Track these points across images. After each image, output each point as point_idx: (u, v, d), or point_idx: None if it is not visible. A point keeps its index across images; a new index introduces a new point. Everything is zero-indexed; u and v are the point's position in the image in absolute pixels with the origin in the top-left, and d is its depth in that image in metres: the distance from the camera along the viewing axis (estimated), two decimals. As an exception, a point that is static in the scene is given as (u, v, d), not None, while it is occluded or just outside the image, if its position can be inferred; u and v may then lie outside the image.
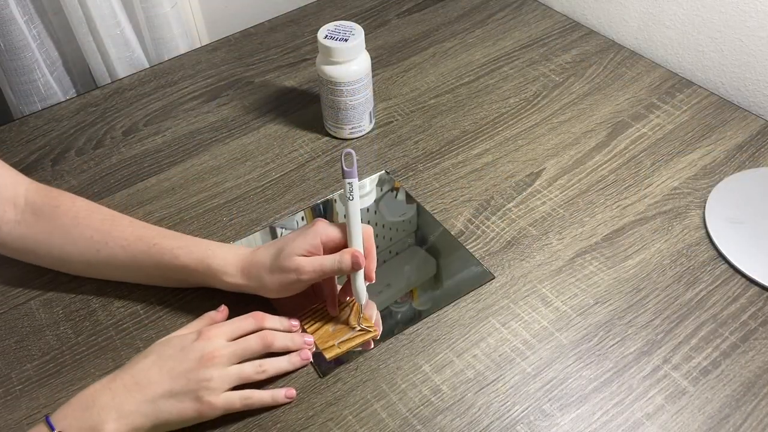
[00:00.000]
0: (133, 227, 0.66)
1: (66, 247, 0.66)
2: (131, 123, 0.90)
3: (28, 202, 0.67)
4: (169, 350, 0.57)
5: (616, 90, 0.89)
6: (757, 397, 0.58)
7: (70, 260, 0.67)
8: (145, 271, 0.66)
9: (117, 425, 0.52)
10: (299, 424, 0.58)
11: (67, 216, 0.66)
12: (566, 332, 0.63)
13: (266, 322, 0.61)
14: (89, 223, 0.66)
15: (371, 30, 1.03)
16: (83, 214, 0.67)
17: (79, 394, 0.54)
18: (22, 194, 0.67)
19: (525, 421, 0.57)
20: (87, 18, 0.94)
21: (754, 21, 0.83)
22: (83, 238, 0.66)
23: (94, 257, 0.66)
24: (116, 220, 0.67)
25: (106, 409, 0.53)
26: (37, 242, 0.67)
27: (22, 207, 0.67)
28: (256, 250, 0.64)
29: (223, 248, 0.65)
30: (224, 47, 1.03)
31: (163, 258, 0.64)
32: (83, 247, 0.66)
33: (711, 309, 0.64)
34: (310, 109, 0.90)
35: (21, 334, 0.66)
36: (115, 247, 0.65)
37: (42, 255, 0.68)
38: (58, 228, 0.66)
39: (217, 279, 0.63)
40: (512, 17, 1.04)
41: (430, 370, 0.61)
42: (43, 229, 0.66)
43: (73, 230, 0.66)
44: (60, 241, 0.66)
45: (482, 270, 0.69)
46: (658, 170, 0.78)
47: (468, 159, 0.81)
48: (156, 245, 0.64)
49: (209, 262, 0.63)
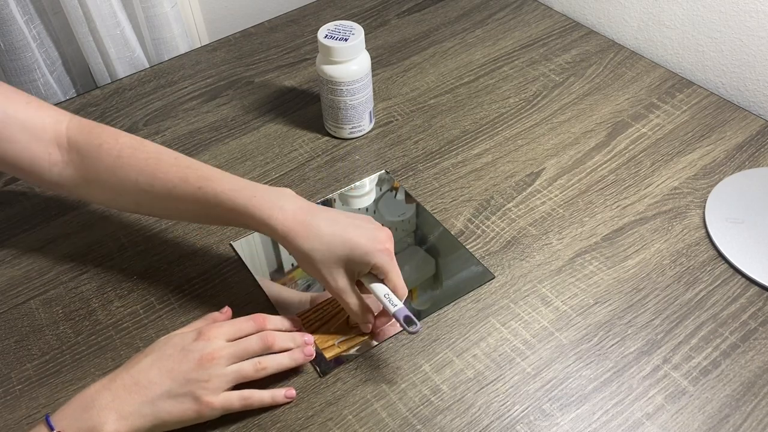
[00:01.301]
0: (178, 167, 0.63)
1: (115, 187, 0.65)
2: (131, 123, 0.90)
3: (71, 142, 0.66)
4: (168, 350, 0.56)
5: (616, 90, 0.89)
6: (757, 397, 0.58)
7: (120, 199, 0.66)
8: (194, 213, 0.64)
9: (117, 426, 0.52)
10: (299, 423, 0.58)
11: (111, 156, 0.65)
12: (566, 332, 0.63)
13: (267, 324, 0.61)
14: (133, 163, 0.64)
15: (371, 30, 1.04)
16: (127, 152, 0.65)
17: (78, 394, 0.54)
18: (63, 133, 0.66)
19: (525, 421, 0.57)
20: (87, 18, 0.94)
21: (754, 21, 0.83)
22: (129, 180, 0.64)
23: (142, 198, 0.65)
24: (161, 158, 0.64)
25: (106, 410, 0.53)
26: (87, 182, 0.66)
27: (66, 146, 0.66)
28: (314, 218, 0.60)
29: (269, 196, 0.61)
30: (224, 47, 1.03)
31: (209, 202, 0.62)
32: (130, 189, 0.65)
33: (711, 309, 0.64)
34: (310, 109, 0.90)
35: (21, 333, 0.66)
36: (162, 190, 0.63)
37: (96, 194, 0.67)
38: (104, 169, 0.65)
39: (260, 230, 0.61)
40: (512, 17, 1.04)
41: (430, 369, 0.61)
42: (89, 170, 0.65)
43: (119, 171, 0.64)
44: (107, 181, 0.65)
45: (482, 270, 0.69)
46: (658, 170, 0.78)
47: (468, 159, 0.81)
48: (201, 188, 0.62)
49: (254, 212, 0.60)
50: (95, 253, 0.73)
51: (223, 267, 0.71)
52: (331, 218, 0.60)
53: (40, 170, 0.65)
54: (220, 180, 0.62)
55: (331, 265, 0.59)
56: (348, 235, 0.59)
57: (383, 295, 0.59)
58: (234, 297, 0.67)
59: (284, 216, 0.59)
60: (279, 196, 0.61)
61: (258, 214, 0.60)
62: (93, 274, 0.71)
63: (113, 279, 0.71)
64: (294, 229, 0.59)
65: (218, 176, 0.63)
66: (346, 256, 0.59)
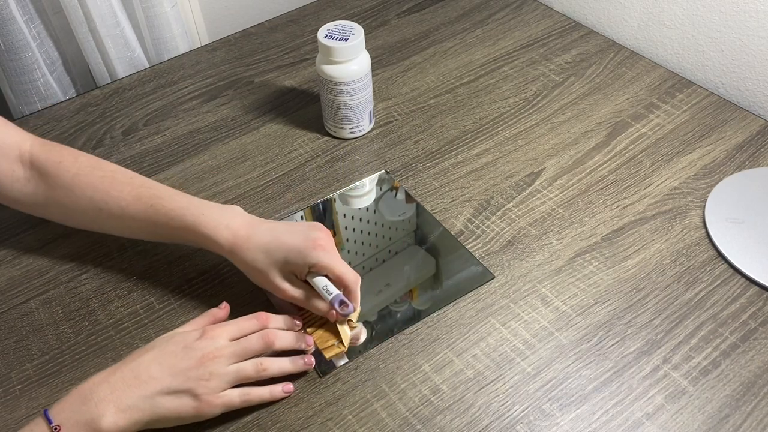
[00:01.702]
0: (131, 186, 0.67)
1: (69, 204, 0.68)
2: (131, 123, 0.90)
3: (33, 159, 0.68)
4: (171, 347, 0.57)
5: (616, 90, 0.89)
6: (757, 397, 0.58)
7: (74, 217, 0.69)
8: (146, 230, 0.67)
9: (115, 419, 0.52)
10: (299, 423, 0.58)
11: (69, 173, 0.67)
12: (566, 332, 0.63)
13: (270, 323, 0.61)
14: (89, 181, 0.67)
15: (371, 30, 1.03)
16: (84, 171, 0.68)
17: (77, 387, 0.54)
18: (27, 151, 0.68)
19: (525, 421, 0.57)
20: (87, 18, 0.94)
21: (754, 21, 0.83)
22: (84, 198, 0.67)
23: (96, 215, 0.67)
24: (116, 177, 0.67)
25: (104, 403, 0.53)
26: (45, 198, 0.68)
27: (28, 164, 0.68)
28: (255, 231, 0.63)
29: (215, 214, 0.64)
30: (224, 47, 1.03)
31: (159, 220, 0.65)
32: (85, 206, 0.67)
33: (711, 309, 0.64)
34: (310, 109, 0.90)
35: (21, 333, 0.66)
36: (115, 208, 0.66)
37: (52, 211, 0.70)
38: (61, 187, 0.68)
39: (208, 247, 0.65)
40: (512, 17, 1.04)
41: (429, 369, 0.61)
42: (48, 187, 0.68)
43: (76, 189, 0.67)
44: (64, 199, 0.68)
45: (482, 270, 0.69)
46: (658, 170, 0.78)
47: (468, 159, 0.81)
48: (152, 206, 0.65)
49: (201, 230, 0.64)
50: (95, 253, 0.73)
51: (223, 267, 0.71)
52: (270, 229, 0.64)
53: (2, 185, 0.68)
54: (170, 198, 0.65)
55: (272, 270, 0.62)
56: (283, 239, 0.62)
57: (322, 287, 0.61)
58: (234, 297, 0.67)
59: (229, 233, 0.63)
60: (225, 213, 0.64)
61: (204, 231, 0.63)
62: (93, 274, 0.71)
63: (113, 279, 0.71)
64: (237, 244, 0.63)
65: (169, 195, 0.66)
66: (284, 259, 0.62)
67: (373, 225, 0.75)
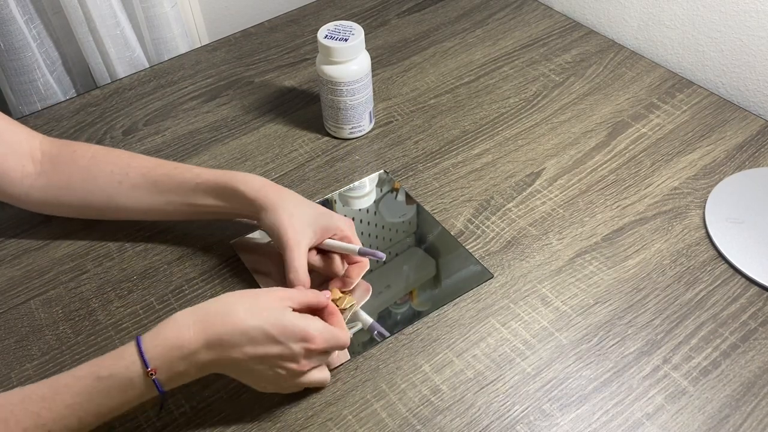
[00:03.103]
0: (151, 158, 0.69)
1: (87, 185, 0.68)
2: (131, 123, 0.90)
3: (45, 153, 0.69)
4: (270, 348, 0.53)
5: (616, 90, 0.89)
6: (757, 397, 0.58)
7: (92, 199, 0.69)
8: (167, 197, 0.67)
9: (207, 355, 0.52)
10: (299, 423, 0.58)
11: (85, 158, 0.69)
12: (566, 332, 0.63)
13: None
14: (108, 159, 0.69)
15: (371, 30, 1.03)
16: (101, 153, 0.70)
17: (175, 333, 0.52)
18: (38, 147, 0.69)
19: (525, 421, 0.57)
20: (87, 18, 0.94)
21: (754, 21, 0.83)
22: (104, 174, 0.68)
23: (115, 190, 0.68)
24: (134, 154, 0.70)
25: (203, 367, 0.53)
26: (59, 188, 0.69)
27: (39, 159, 0.69)
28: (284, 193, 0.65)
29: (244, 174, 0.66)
30: (224, 47, 1.03)
31: (185, 177, 0.66)
32: (104, 183, 0.68)
33: (711, 309, 0.64)
34: (310, 109, 0.90)
35: (20, 334, 0.66)
36: (136, 176, 0.67)
37: (65, 201, 0.70)
38: (78, 170, 0.68)
39: (238, 192, 0.65)
40: (512, 17, 1.04)
41: (429, 370, 0.61)
42: (63, 174, 0.69)
43: (93, 168, 0.68)
44: (81, 181, 0.68)
45: (482, 270, 0.69)
46: (658, 170, 0.78)
47: (468, 159, 0.81)
48: (177, 168, 0.67)
49: (231, 175, 0.65)
50: (95, 253, 0.73)
51: (223, 267, 0.71)
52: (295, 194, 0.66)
53: (10, 182, 0.68)
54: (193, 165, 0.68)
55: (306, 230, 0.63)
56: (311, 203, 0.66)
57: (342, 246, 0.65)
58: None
59: (261, 187, 0.65)
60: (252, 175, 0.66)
61: (236, 185, 0.64)
62: (93, 274, 0.71)
63: (113, 279, 0.71)
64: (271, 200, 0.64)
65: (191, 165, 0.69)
66: (314, 218, 0.64)
67: (373, 226, 0.75)
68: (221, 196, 0.66)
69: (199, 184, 0.66)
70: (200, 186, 0.66)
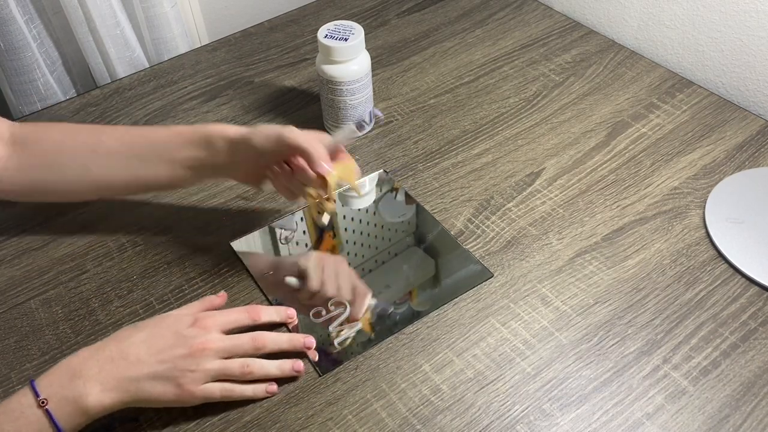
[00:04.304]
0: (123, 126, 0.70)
1: (61, 158, 0.67)
2: (131, 123, 0.90)
3: (16, 136, 0.68)
4: (162, 330, 0.57)
5: (616, 90, 0.89)
6: (757, 397, 0.58)
7: (65, 174, 0.68)
8: (145, 159, 0.67)
9: (100, 397, 0.53)
10: (299, 423, 0.58)
11: (57, 130, 0.69)
12: (566, 332, 0.63)
13: (262, 316, 0.62)
14: (81, 130, 0.69)
15: (371, 30, 1.03)
16: (74, 127, 0.70)
17: (65, 361, 0.54)
18: (6, 130, 0.68)
19: (525, 421, 0.57)
20: (87, 18, 0.94)
21: (754, 21, 0.83)
22: (77, 143, 0.68)
23: (90, 159, 0.67)
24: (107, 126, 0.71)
25: (92, 382, 0.53)
26: (31, 167, 0.68)
27: (10, 142, 0.68)
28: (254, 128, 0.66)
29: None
30: (224, 47, 1.03)
31: (160, 134, 0.66)
32: (79, 153, 0.67)
33: (711, 309, 0.64)
34: (310, 109, 0.90)
35: (20, 333, 0.66)
36: (111, 141, 0.67)
37: (38, 181, 0.69)
38: (50, 144, 0.68)
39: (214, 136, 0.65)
40: (512, 17, 1.04)
41: (429, 369, 0.61)
42: (35, 152, 0.68)
43: (66, 139, 0.68)
44: (53, 154, 0.67)
45: (482, 270, 0.69)
46: (658, 170, 0.78)
47: (468, 159, 0.81)
48: (151, 128, 0.68)
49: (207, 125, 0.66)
50: (95, 253, 0.73)
51: (223, 267, 0.71)
52: None
53: None
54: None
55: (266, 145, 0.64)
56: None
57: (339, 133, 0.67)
58: (234, 297, 0.67)
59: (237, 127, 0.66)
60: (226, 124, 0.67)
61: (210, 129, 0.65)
62: (93, 274, 0.71)
63: (113, 279, 0.71)
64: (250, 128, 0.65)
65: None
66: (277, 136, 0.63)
67: (373, 226, 0.75)
68: (200, 144, 0.66)
69: (175, 135, 0.66)
70: (178, 137, 0.66)
